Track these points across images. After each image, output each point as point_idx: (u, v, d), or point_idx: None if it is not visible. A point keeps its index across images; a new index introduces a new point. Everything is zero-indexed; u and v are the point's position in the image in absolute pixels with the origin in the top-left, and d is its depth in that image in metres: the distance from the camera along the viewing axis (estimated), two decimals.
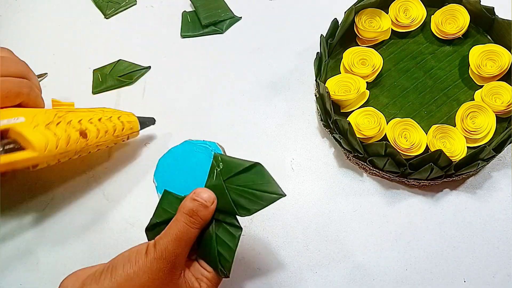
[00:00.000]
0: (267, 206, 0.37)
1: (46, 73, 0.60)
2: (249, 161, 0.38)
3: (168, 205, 0.39)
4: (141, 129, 0.52)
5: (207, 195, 0.37)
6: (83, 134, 0.45)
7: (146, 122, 0.53)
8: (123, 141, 0.51)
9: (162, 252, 0.35)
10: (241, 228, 0.38)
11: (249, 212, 0.37)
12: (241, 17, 0.63)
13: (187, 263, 0.38)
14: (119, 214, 0.51)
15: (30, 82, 0.45)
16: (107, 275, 0.35)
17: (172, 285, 0.35)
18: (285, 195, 0.37)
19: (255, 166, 0.38)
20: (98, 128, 0.46)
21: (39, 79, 0.59)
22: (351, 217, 0.51)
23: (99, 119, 0.47)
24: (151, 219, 0.40)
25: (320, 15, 0.60)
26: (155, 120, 0.54)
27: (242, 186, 0.38)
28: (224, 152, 0.44)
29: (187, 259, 0.38)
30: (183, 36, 0.62)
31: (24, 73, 0.45)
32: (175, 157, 0.44)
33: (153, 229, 0.40)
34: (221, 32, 0.62)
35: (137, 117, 0.52)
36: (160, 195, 0.41)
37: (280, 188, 0.37)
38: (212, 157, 0.39)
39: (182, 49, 0.61)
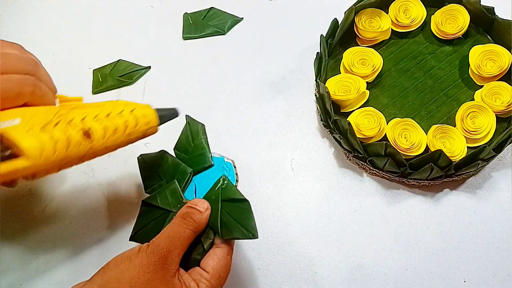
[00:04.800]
0: (237, 239, 0.41)
1: None
2: (242, 195, 0.41)
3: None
4: (161, 123, 0.43)
5: (201, 204, 0.40)
6: (86, 134, 0.37)
7: (166, 115, 0.44)
8: (139, 139, 0.42)
9: (154, 248, 0.36)
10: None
11: (222, 236, 0.40)
12: (242, 18, 0.63)
13: (187, 270, 0.38)
14: (119, 214, 0.51)
15: (34, 79, 0.40)
16: (99, 273, 0.36)
17: (165, 282, 0.35)
18: (257, 238, 0.39)
19: (246, 201, 0.41)
20: (106, 126, 0.38)
21: None
22: (351, 217, 0.51)
23: (107, 115, 0.39)
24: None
25: (320, 15, 0.60)
26: (177, 112, 0.45)
27: (229, 212, 0.41)
28: (235, 168, 0.47)
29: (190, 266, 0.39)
30: (185, 38, 0.62)
31: (28, 70, 0.40)
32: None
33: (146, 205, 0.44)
34: (223, 33, 0.62)
35: (156, 109, 0.43)
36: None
37: (256, 229, 0.40)
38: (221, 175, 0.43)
39: (182, 49, 0.61)
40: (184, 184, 0.44)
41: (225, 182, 0.42)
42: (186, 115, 0.48)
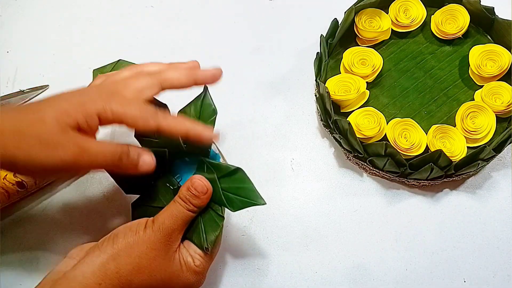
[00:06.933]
0: (246, 207, 0.40)
1: (47, 85, 0.59)
2: (232, 165, 0.41)
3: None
4: None
5: (201, 187, 0.39)
6: (20, 185, 0.48)
7: None
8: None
9: (159, 226, 0.38)
10: (223, 218, 0.41)
11: (233, 210, 0.41)
12: None
13: (184, 243, 0.41)
14: (120, 214, 0.51)
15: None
16: (109, 242, 0.38)
17: (168, 257, 0.38)
18: (265, 203, 0.39)
19: (238, 171, 0.40)
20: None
21: (39, 91, 0.59)
22: (351, 217, 0.51)
23: None
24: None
25: (320, 15, 0.60)
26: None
27: (226, 189, 0.41)
28: (222, 156, 0.46)
29: (185, 240, 0.41)
30: None
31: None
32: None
33: (138, 207, 0.44)
34: None
35: None
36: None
37: (260, 195, 0.40)
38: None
39: (182, 49, 0.61)
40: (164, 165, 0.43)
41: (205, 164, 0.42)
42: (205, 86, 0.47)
